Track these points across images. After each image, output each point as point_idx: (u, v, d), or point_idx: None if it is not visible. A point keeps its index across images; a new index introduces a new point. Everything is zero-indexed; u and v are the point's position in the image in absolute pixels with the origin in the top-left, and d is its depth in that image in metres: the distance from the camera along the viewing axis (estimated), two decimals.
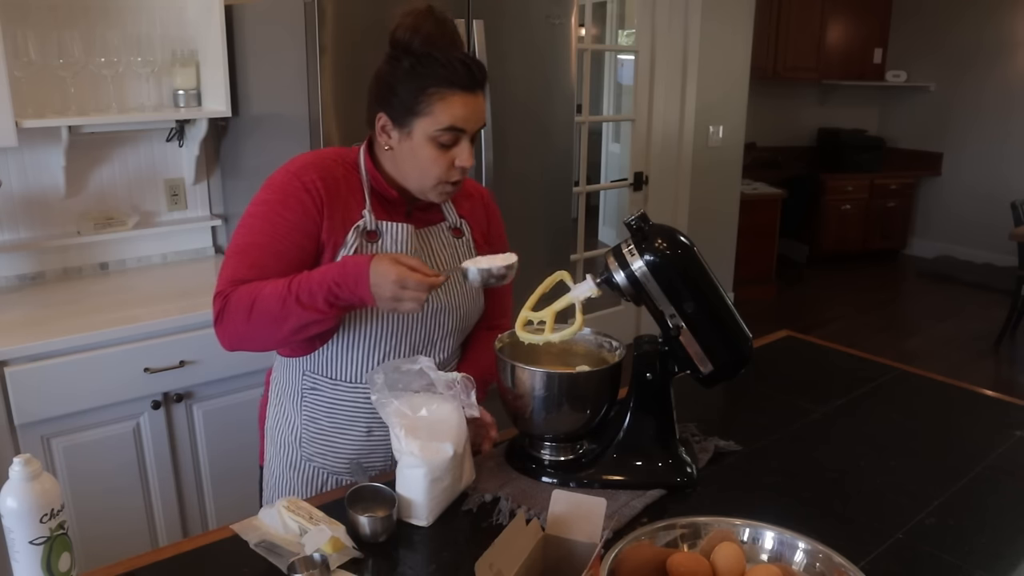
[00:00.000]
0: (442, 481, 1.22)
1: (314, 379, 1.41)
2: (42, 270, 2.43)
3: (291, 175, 1.31)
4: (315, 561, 1.07)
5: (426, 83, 1.24)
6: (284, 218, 1.29)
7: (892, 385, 1.78)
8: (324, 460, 1.44)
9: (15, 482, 1.01)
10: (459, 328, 1.46)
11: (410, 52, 1.26)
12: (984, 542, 1.19)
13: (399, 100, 1.27)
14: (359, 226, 1.33)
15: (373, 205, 1.35)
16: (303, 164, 1.33)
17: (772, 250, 5.71)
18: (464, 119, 1.27)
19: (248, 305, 1.24)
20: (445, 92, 1.25)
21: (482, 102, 1.30)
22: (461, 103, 1.26)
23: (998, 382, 4.37)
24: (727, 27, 4.47)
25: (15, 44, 2.13)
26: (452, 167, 1.30)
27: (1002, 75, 6.38)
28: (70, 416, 1.99)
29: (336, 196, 1.32)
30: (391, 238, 1.35)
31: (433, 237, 1.43)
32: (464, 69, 1.25)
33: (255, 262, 1.28)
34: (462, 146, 1.30)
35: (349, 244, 1.32)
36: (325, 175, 1.32)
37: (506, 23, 2.43)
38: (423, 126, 1.27)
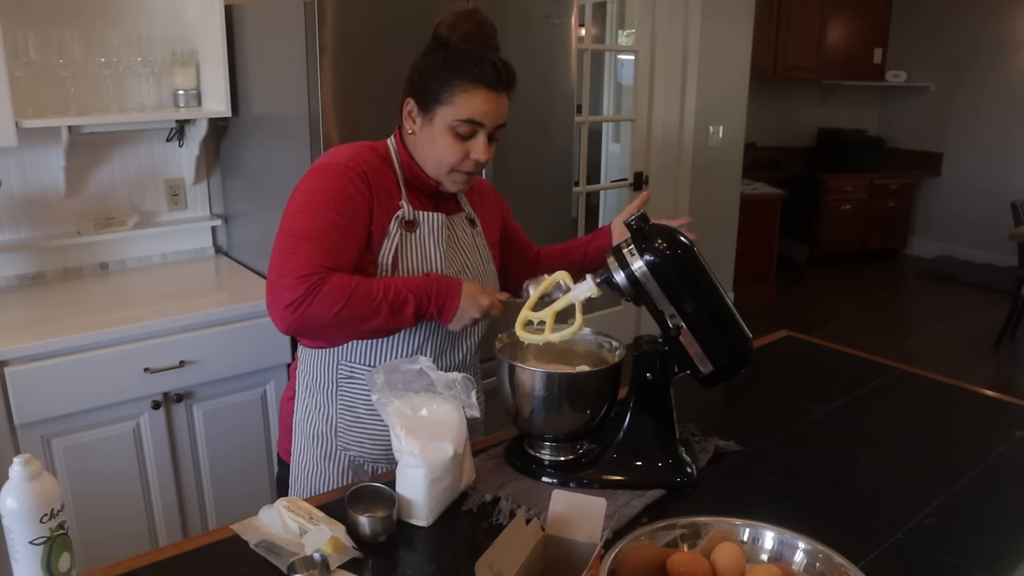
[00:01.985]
0: (442, 481, 1.22)
1: (351, 368, 1.43)
2: (42, 270, 2.43)
3: (343, 167, 1.35)
4: (315, 561, 1.07)
5: (454, 76, 1.32)
6: (349, 199, 1.32)
7: (892, 385, 1.78)
8: (361, 449, 1.46)
9: (15, 482, 1.01)
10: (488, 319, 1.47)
11: (446, 46, 1.34)
12: (984, 542, 1.19)
13: (428, 88, 1.35)
14: (399, 216, 1.38)
15: (408, 195, 1.41)
16: (349, 156, 1.37)
17: (772, 250, 5.71)
18: (483, 114, 1.34)
19: (344, 296, 1.25)
20: (469, 86, 1.32)
21: (504, 102, 1.37)
22: (482, 99, 1.33)
23: (998, 382, 4.37)
24: (727, 27, 4.47)
25: (15, 44, 2.13)
26: (467, 158, 1.37)
27: (1002, 75, 6.38)
28: (70, 416, 1.99)
29: (380, 187, 1.38)
30: (428, 227, 1.41)
31: (456, 226, 1.49)
32: (492, 69, 1.33)
33: (332, 247, 1.29)
34: (478, 139, 1.36)
35: (392, 234, 1.37)
36: (368, 167, 1.37)
37: (506, 23, 2.43)
38: (444, 114, 1.34)
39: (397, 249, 1.38)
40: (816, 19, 6.22)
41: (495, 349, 1.39)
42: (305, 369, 1.50)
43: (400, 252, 1.38)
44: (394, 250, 1.38)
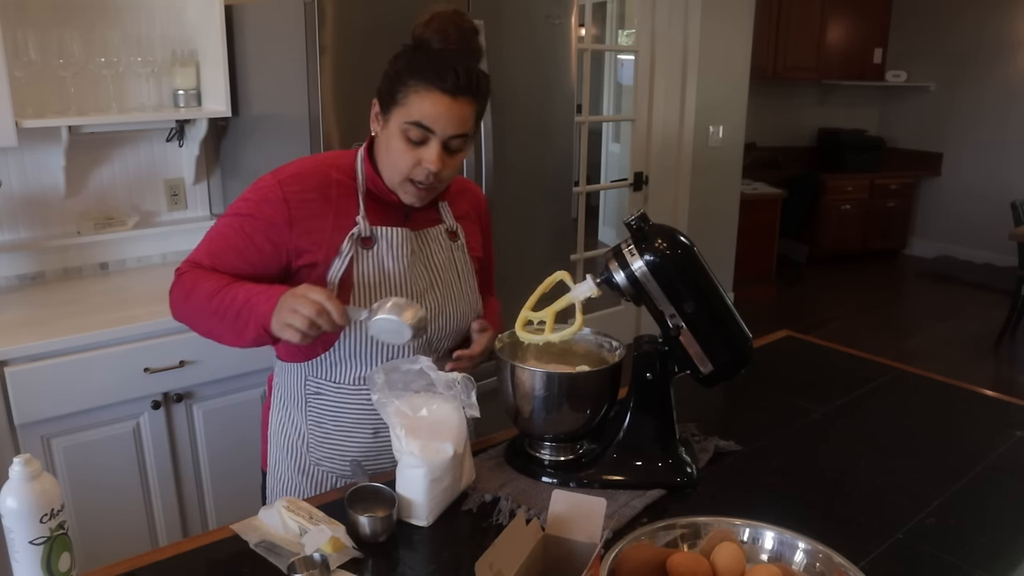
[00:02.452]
0: (442, 481, 1.22)
1: (317, 384, 1.41)
2: (42, 270, 2.43)
3: (277, 182, 1.32)
4: (315, 561, 1.07)
5: (410, 76, 1.26)
6: (255, 218, 1.31)
7: (892, 385, 1.78)
8: (332, 464, 1.44)
9: (15, 482, 1.01)
10: (455, 331, 1.45)
11: (418, 48, 1.29)
12: (984, 542, 1.19)
13: (387, 87, 1.29)
14: (353, 234, 1.33)
15: (369, 209, 1.35)
16: (292, 173, 1.34)
17: (772, 250, 5.71)
18: (433, 118, 1.25)
19: (183, 294, 1.31)
20: (422, 88, 1.25)
21: (463, 110, 1.27)
22: (433, 102, 1.25)
23: (998, 382, 4.37)
24: (727, 27, 4.47)
25: (15, 44, 2.13)
26: (419, 166, 1.29)
27: (1002, 75, 6.38)
28: (70, 416, 1.99)
29: (326, 204, 1.33)
30: (387, 243, 1.36)
31: (431, 239, 1.43)
32: (449, 72, 1.24)
33: (215, 251, 1.33)
34: (431, 147, 1.28)
35: (344, 253, 1.32)
36: (315, 184, 1.33)
37: (506, 23, 2.43)
38: (397, 116, 1.28)
39: (351, 267, 1.33)
40: (816, 19, 6.22)
41: (495, 349, 1.39)
42: (278, 381, 1.49)
43: (355, 270, 1.33)
44: (345, 269, 1.32)
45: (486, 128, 2.38)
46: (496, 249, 2.49)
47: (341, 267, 1.32)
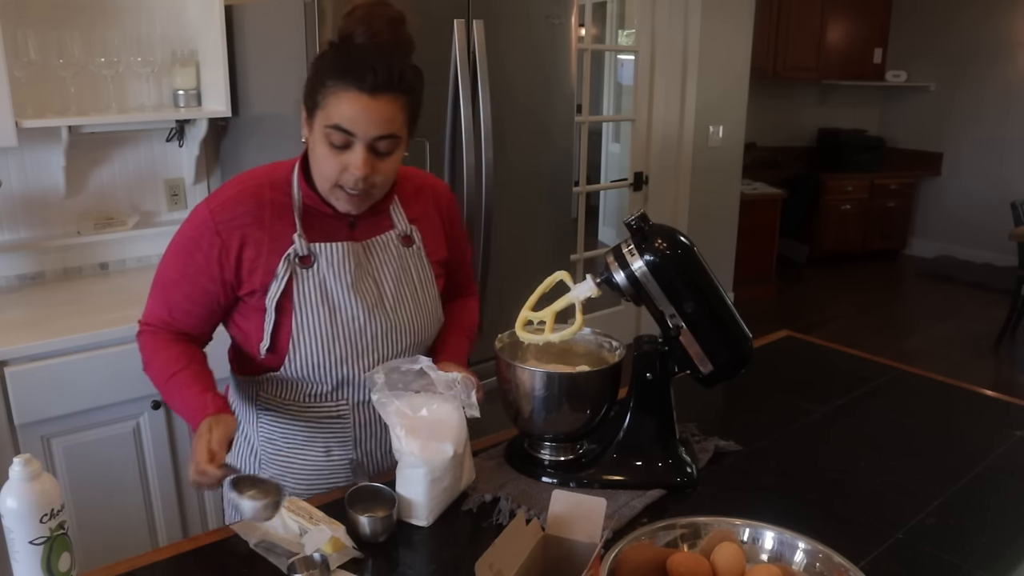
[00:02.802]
0: (442, 481, 1.22)
1: (268, 400, 1.37)
2: (42, 270, 2.43)
3: (208, 213, 1.27)
4: (315, 561, 1.07)
5: (328, 76, 1.19)
6: (195, 259, 1.27)
7: (892, 385, 1.78)
8: (283, 481, 1.38)
9: (15, 482, 1.01)
10: (416, 343, 1.39)
11: (342, 44, 1.22)
12: (984, 542, 1.19)
13: (309, 90, 1.23)
14: (289, 254, 1.27)
15: (309, 225, 1.29)
16: (223, 201, 1.28)
17: (772, 250, 5.71)
18: (352, 121, 1.17)
19: (144, 358, 1.33)
20: (340, 88, 1.17)
21: (385, 109, 1.18)
22: (351, 103, 1.17)
23: (998, 382, 4.37)
24: (727, 27, 4.47)
25: (15, 44, 2.13)
26: (346, 171, 1.21)
27: (1002, 75, 6.38)
28: (70, 416, 1.99)
29: (260, 229, 1.27)
30: (326, 260, 1.29)
31: (379, 249, 1.35)
32: (367, 69, 1.16)
33: (167, 300, 1.32)
34: (355, 152, 1.20)
35: (280, 276, 1.27)
36: (247, 208, 1.27)
37: (506, 23, 2.43)
38: (319, 120, 1.21)
39: (289, 290, 1.27)
40: (816, 19, 6.22)
41: (495, 349, 1.39)
42: (232, 395, 1.45)
43: (295, 291, 1.27)
44: (283, 291, 1.27)
45: (486, 128, 2.38)
46: (496, 249, 2.51)
47: (278, 291, 1.27)
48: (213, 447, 1.14)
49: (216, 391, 1.28)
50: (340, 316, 1.30)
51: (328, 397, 1.35)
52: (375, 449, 1.41)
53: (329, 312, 1.30)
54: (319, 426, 1.37)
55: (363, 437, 1.39)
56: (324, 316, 1.29)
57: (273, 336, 1.29)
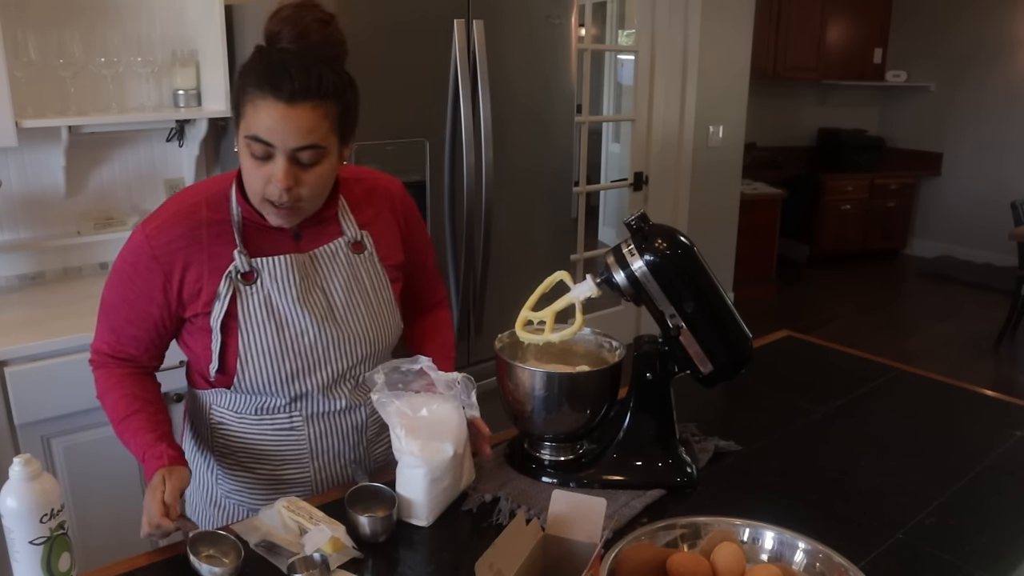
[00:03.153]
0: (442, 481, 1.22)
1: (220, 413, 1.34)
2: (42, 270, 2.43)
3: (144, 238, 1.24)
4: (315, 561, 1.07)
5: (248, 82, 1.14)
6: (135, 284, 1.25)
7: (892, 385, 1.78)
8: (241, 496, 1.37)
9: (15, 482, 1.01)
10: (373, 353, 1.36)
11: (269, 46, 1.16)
12: (984, 542, 1.19)
13: (234, 98, 1.18)
14: (231, 272, 1.23)
15: (251, 240, 1.26)
16: (158, 224, 1.25)
17: (772, 250, 5.71)
18: (269, 131, 1.12)
19: (100, 395, 1.32)
20: (256, 97, 1.12)
21: (304, 117, 1.12)
22: (268, 112, 1.11)
23: (998, 382, 4.37)
24: (727, 27, 4.47)
25: (15, 44, 2.13)
26: (270, 183, 1.16)
27: (1002, 75, 6.38)
28: (70, 416, 1.99)
29: (198, 250, 1.24)
30: (269, 275, 1.25)
31: (327, 259, 1.31)
32: (287, 78, 1.10)
33: (114, 327, 1.30)
34: (276, 163, 1.14)
35: (223, 295, 1.23)
36: (183, 230, 1.24)
37: (506, 23, 2.43)
38: (241, 130, 1.16)
39: (234, 308, 1.24)
40: (816, 19, 6.22)
41: (495, 349, 1.39)
42: (190, 408, 1.43)
43: (240, 308, 1.24)
44: (226, 310, 1.24)
45: (486, 128, 2.38)
46: (496, 249, 2.51)
47: (221, 310, 1.24)
48: (167, 500, 1.13)
49: (171, 439, 1.26)
50: (288, 331, 1.27)
51: (281, 410, 1.32)
52: (332, 462, 1.37)
53: (276, 328, 1.26)
54: (273, 439, 1.33)
55: (319, 450, 1.35)
56: (271, 332, 1.26)
57: (221, 356, 1.26)
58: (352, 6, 2.10)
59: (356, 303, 1.33)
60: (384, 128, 2.24)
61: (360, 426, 1.38)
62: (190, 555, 1.08)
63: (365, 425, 1.39)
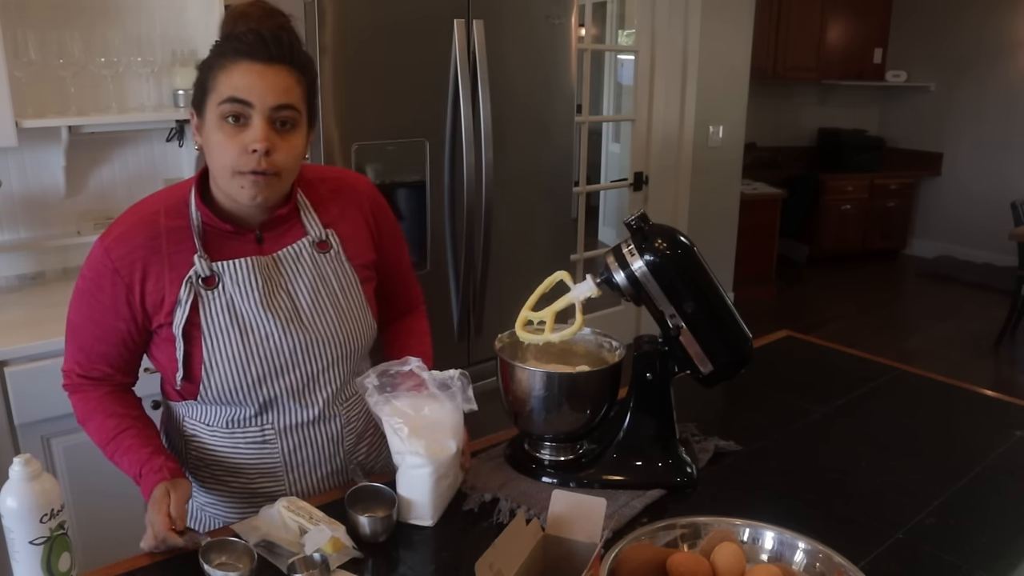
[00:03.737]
0: (446, 478, 1.22)
1: (193, 426, 1.33)
2: (42, 270, 2.43)
3: (103, 251, 1.22)
4: (315, 561, 1.07)
5: (214, 59, 1.16)
6: (99, 300, 1.23)
7: (892, 385, 1.78)
8: (216, 509, 1.35)
9: (15, 482, 1.01)
10: (346, 355, 1.33)
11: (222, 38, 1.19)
12: (984, 542, 1.19)
13: (197, 86, 1.19)
14: (190, 277, 1.21)
15: (211, 245, 1.24)
16: (117, 236, 1.22)
17: (772, 250, 5.71)
18: (247, 89, 1.13)
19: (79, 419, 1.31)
20: (228, 63, 1.14)
21: (281, 76, 1.15)
22: (244, 71, 1.13)
23: (998, 382, 4.37)
24: (727, 27, 4.47)
25: (15, 44, 2.13)
26: (245, 152, 1.14)
27: (1002, 75, 6.37)
28: (70, 416, 1.96)
29: (158, 259, 1.22)
30: (231, 278, 1.23)
31: (291, 260, 1.28)
32: (257, 39, 1.14)
33: (82, 346, 1.27)
34: (253, 125, 1.14)
35: (184, 301, 1.21)
36: (142, 240, 1.22)
37: (506, 23, 2.43)
38: (211, 105, 1.16)
39: (195, 313, 1.22)
40: (816, 19, 6.22)
41: (495, 349, 1.39)
42: (164, 418, 1.41)
43: (201, 314, 1.22)
44: (188, 316, 1.21)
45: (486, 128, 2.38)
46: (496, 249, 2.51)
47: (183, 317, 1.21)
48: (174, 513, 1.13)
49: (166, 451, 1.26)
50: (252, 336, 1.24)
51: (252, 422, 1.30)
52: (308, 475, 1.35)
53: (240, 333, 1.24)
54: (245, 452, 1.31)
55: (293, 463, 1.33)
56: (235, 337, 1.23)
57: (186, 365, 1.24)
58: (352, 6, 2.10)
59: (323, 304, 1.29)
60: (384, 128, 2.24)
61: (335, 437, 1.36)
62: (203, 564, 1.07)
63: (341, 436, 1.36)
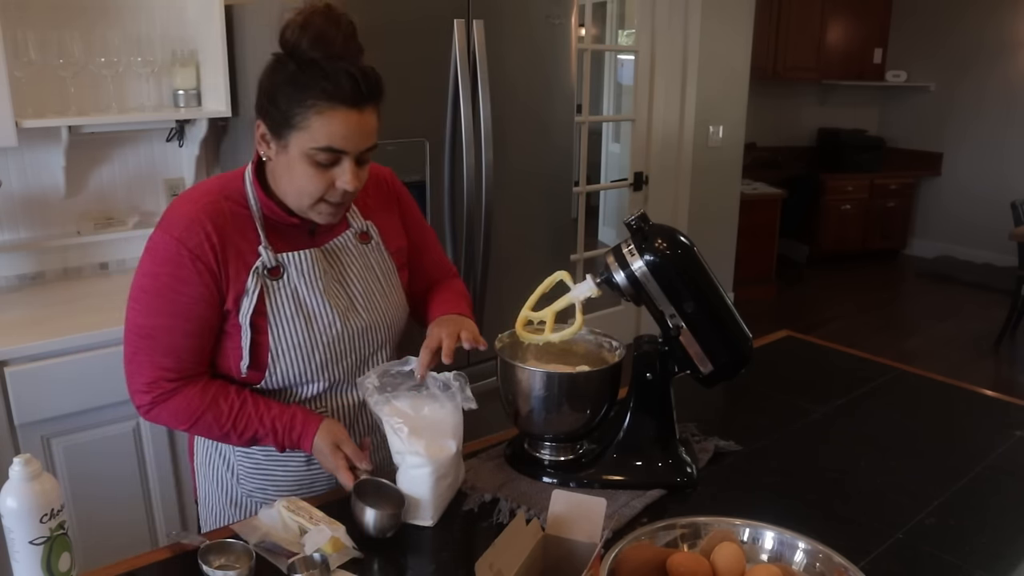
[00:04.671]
0: (446, 478, 1.22)
1: None
2: (42, 270, 2.43)
3: (176, 242, 1.20)
4: (315, 561, 1.07)
5: (304, 95, 1.13)
6: (184, 294, 1.20)
7: (892, 385, 1.78)
8: (265, 495, 1.37)
9: (15, 482, 1.01)
10: (390, 338, 1.40)
11: (294, 56, 1.16)
12: (984, 542, 1.19)
13: (277, 110, 1.17)
14: (257, 267, 1.23)
15: (270, 236, 1.26)
16: (186, 224, 1.21)
17: (772, 250, 5.71)
18: (344, 139, 1.15)
19: (190, 418, 1.25)
20: (324, 107, 1.13)
21: (369, 120, 1.18)
22: (342, 121, 1.14)
23: (998, 382, 4.37)
24: (727, 27, 4.47)
25: (15, 44, 2.13)
26: (333, 187, 1.19)
27: (1002, 75, 6.37)
28: (70, 416, 1.99)
29: (228, 244, 1.22)
30: (296, 269, 1.27)
31: (341, 252, 1.33)
32: (350, 83, 1.13)
33: (170, 348, 1.23)
34: (344, 167, 1.18)
35: (251, 291, 1.23)
36: (212, 227, 1.21)
37: (506, 23, 2.43)
38: (299, 142, 1.16)
39: (261, 303, 1.24)
40: (816, 19, 6.22)
41: (495, 349, 1.39)
42: None
43: (268, 304, 1.24)
44: (255, 306, 1.23)
45: (486, 128, 2.38)
46: (496, 249, 2.51)
47: (251, 306, 1.23)
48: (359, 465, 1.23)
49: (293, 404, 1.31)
50: (316, 324, 1.28)
51: (310, 405, 1.34)
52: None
53: (305, 321, 1.27)
54: None
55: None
56: (300, 326, 1.27)
57: (251, 353, 1.25)
58: (352, 6, 2.10)
59: (373, 292, 1.36)
60: (384, 128, 2.21)
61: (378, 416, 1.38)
62: (203, 566, 1.07)
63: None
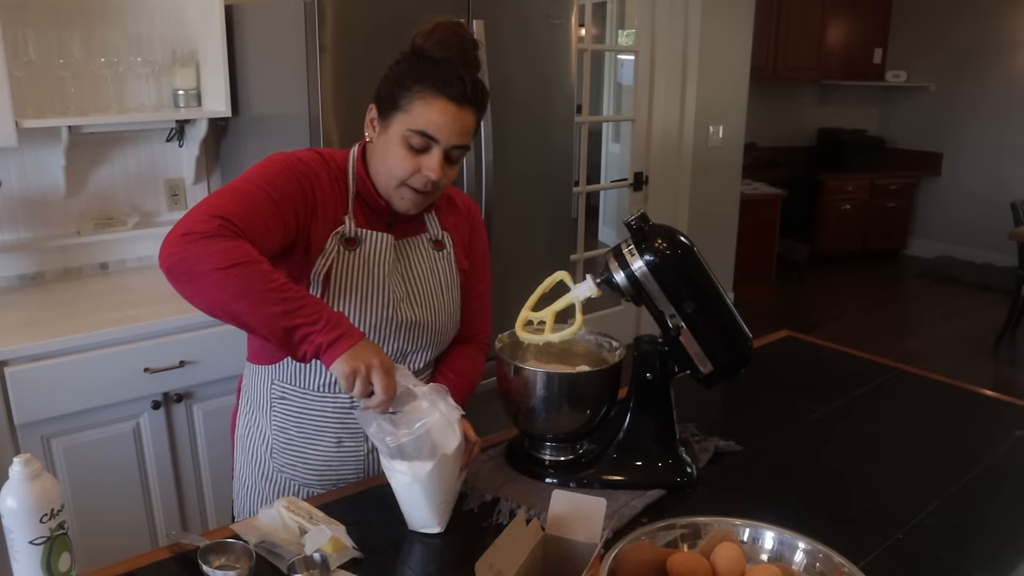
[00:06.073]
0: (441, 487, 1.20)
1: (283, 388, 1.38)
2: (42, 270, 2.43)
3: (295, 159, 1.29)
4: (315, 561, 1.07)
5: (416, 82, 1.24)
6: (288, 181, 1.25)
7: (892, 385, 1.78)
8: (294, 472, 1.41)
9: (15, 482, 1.01)
10: (434, 343, 1.42)
11: (419, 53, 1.27)
12: (984, 542, 1.19)
13: (390, 94, 1.27)
14: (339, 232, 1.30)
15: (355, 212, 1.33)
16: (301, 155, 1.31)
17: (772, 250, 5.72)
18: (439, 127, 1.24)
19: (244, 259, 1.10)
20: (429, 94, 1.23)
21: (467, 120, 1.26)
22: (440, 110, 1.23)
23: (998, 382, 4.37)
24: (727, 27, 4.47)
25: (15, 44, 2.13)
26: (418, 173, 1.27)
27: (1002, 75, 6.37)
28: (70, 416, 1.99)
29: (324, 197, 1.30)
30: (370, 246, 1.33)
31: (412, 249, 1.39)
32: (458, 82, 1.24)
33: (253, 205, 1.19)
34: (432, 155, 1.26)
35: (328, 252, 1.29)
36: (316, 172, 1.30)
37: (506, 23, 2.43)
38: (400, 122, 1.26)
39: (332, 266, 1.29)
40: (816, 19, 6.22)
41: (495, 349, 1.39)
42: (246, 384, 1.47)
43: (336, 270, 1.30)
44: (328, 267, 1.29)
45: (486, 128, 2.38)
46: (496, 249, 2.51)
47: (324, 265, 1.29)
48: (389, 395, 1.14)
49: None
50: (371, 303, 1.32)
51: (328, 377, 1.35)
52: None
53: (362, 298, 1.32)
54: (331, 417, 1.37)
55: None
56: (357, 300, 1.31)
57: None
58: (352, 6, 2.10)
59: (431, 294, 1.40)
60: None
61: None
62: (203, 566, 1.07)
63: None
